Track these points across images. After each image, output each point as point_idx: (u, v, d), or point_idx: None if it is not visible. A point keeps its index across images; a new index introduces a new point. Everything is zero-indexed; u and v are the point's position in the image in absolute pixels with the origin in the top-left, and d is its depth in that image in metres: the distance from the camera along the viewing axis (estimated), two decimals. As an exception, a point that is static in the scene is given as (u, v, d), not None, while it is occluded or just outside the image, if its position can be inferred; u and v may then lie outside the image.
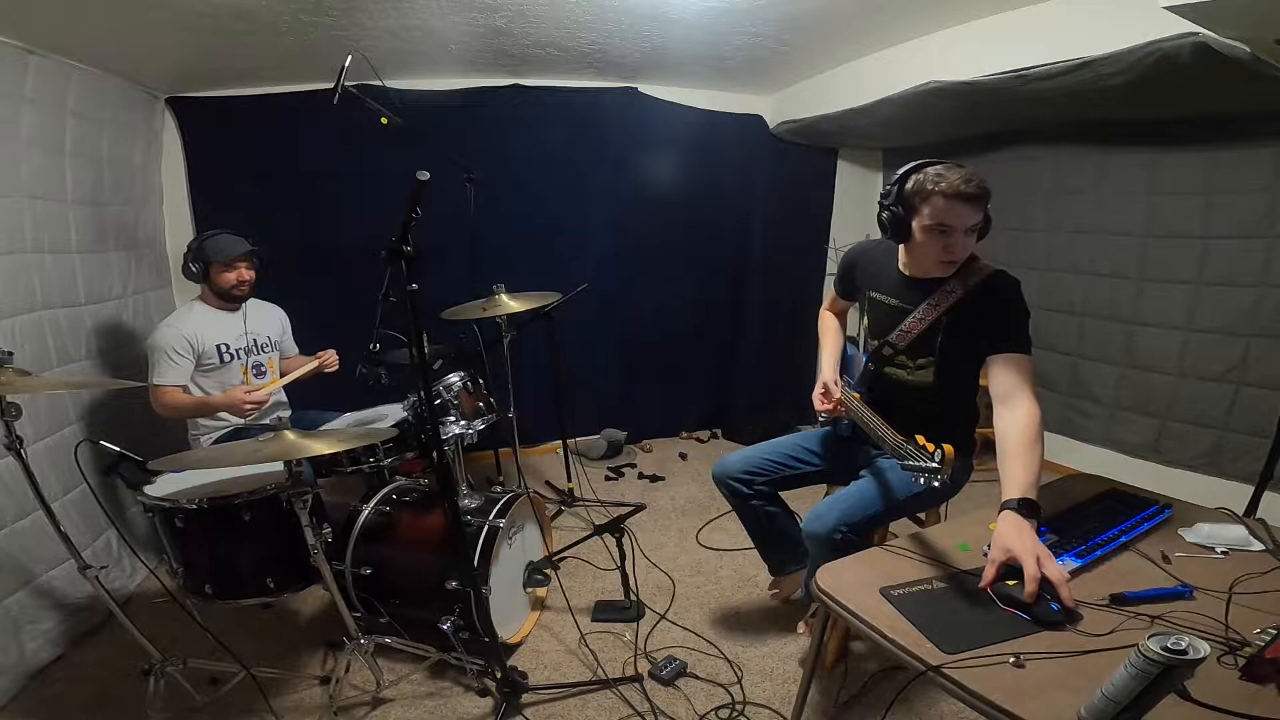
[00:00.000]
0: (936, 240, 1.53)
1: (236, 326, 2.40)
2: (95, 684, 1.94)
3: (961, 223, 1.50)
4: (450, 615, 1.88)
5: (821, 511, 1.67)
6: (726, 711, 1.79)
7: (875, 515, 1.67)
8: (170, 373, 2.22)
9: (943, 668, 1.06)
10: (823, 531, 1.62)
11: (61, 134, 2.37)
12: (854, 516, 1.63)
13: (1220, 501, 1.61)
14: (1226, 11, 1.59)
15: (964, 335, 1.62)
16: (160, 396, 2.21)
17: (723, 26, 2.65)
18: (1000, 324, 1.55)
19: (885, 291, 1.76)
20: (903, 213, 1.57)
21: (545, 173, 3.45)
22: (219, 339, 2.33)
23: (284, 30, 2.41)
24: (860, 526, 1.63)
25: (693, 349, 4.03)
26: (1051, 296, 3.30)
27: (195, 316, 2.32)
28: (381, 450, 2.13)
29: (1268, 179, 2.49)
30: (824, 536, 1.62)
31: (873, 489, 1.70)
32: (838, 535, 1.60)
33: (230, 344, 2.36)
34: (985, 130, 3.35)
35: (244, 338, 2.41)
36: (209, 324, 2.32)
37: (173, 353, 2.21)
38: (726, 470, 1.95)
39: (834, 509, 1.66)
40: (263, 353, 2.46)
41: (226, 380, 2.35)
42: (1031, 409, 1.45)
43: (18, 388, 1.47)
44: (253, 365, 2.42)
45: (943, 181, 1.48)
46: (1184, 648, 0.83)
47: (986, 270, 1.61)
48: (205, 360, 2.30)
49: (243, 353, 2.40)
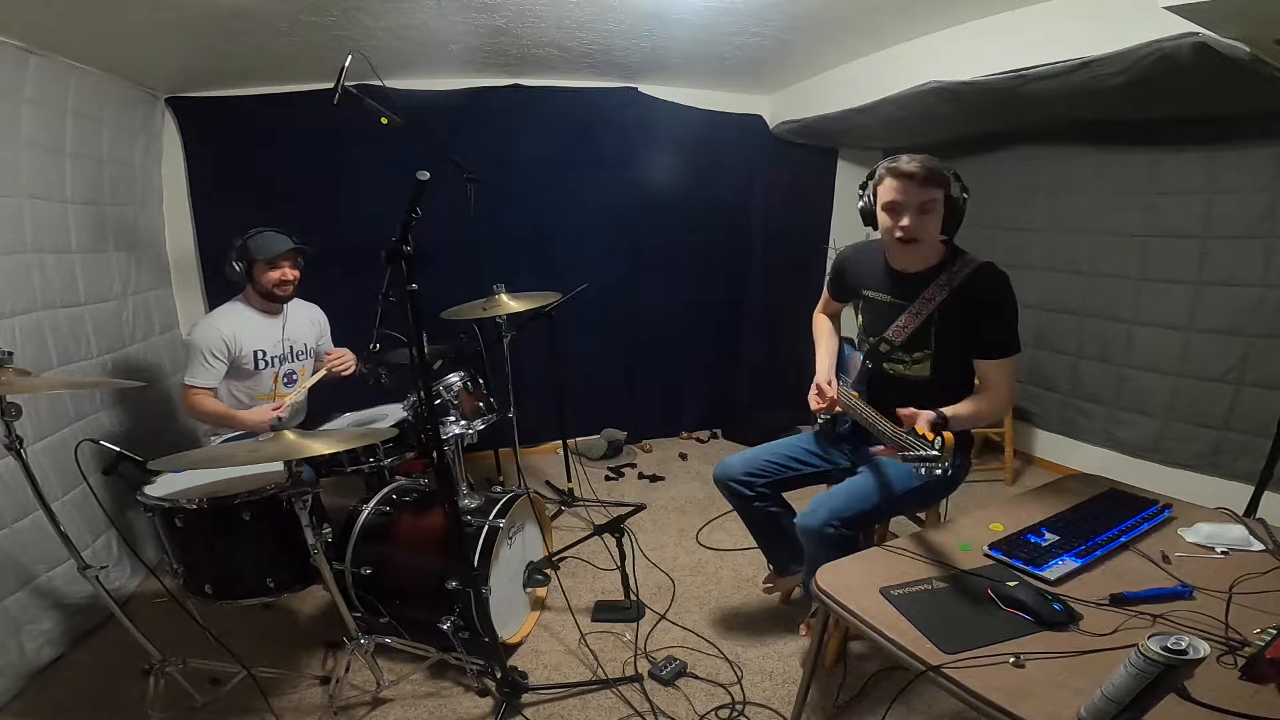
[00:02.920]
0: (890, 219, 1.62)
1: (275, 332, 2.35)
2: (95, 684, 1.94)
3: (909, 199, 1.58)
4: (450, 615, 1.88)
5: (814, 506, 1.69)
6: (726, 711, 1.79)
7: (868, 510, 1.68)
8: (204, 374, 2.19)
9: (943, 668, 1.07)
10: (814, 525, 1.64)
11: (61, 134, 2.37)
12: (845, 511, 1.64)
13: (1220, 501, 1.61)
14: (1226, 11, 1.59)
15: (955, 329, 1.65)
16: (190, 396, 2.20)
17: (723, 26, 2.65)
18: (988, 328, 1.63)
19: (877, 288, 1.79)
20: (871, 200, 1.69)
21: (545, 173, 3.45)
22: (257, 344, 2.29)
23: (284, 30, 2.41)
24: (852, 520, 1.64)
25: (693, 349, 4.03)
26: (1051, 296, 3.30)
27: (237, 318, 2.28)
28: (381, 450, 2.13)
29: (1268, 179, 2.49)
30: (815, 530, 1.64)
31: (867, 484, 1.71)
32: (829, 529, 1.62)
33: (267, 350, 2.32)
34: (985, 130, 3.35)
35: (281, 344, 2.36)
36: (249, 328, 2.28)
37: (209, 355, 2.19)
38: (728, 472, 1.96)
39: (826, 503, 1.67)
40: (297, 360, 2.42)
41: (256, 387, 2.33)
42: (998, 397, 1.63)
43: (18, 388, 1.47)
44: (284, 374, 2.38)
45: (892, 162, 1.60)
46: (1184, 648, 0.83)
47: (974, 264, 1.65)
48: (241, 364, 2.27)
49: (277, 360, 2.36)
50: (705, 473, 3.50)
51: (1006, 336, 1.63)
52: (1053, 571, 1.30)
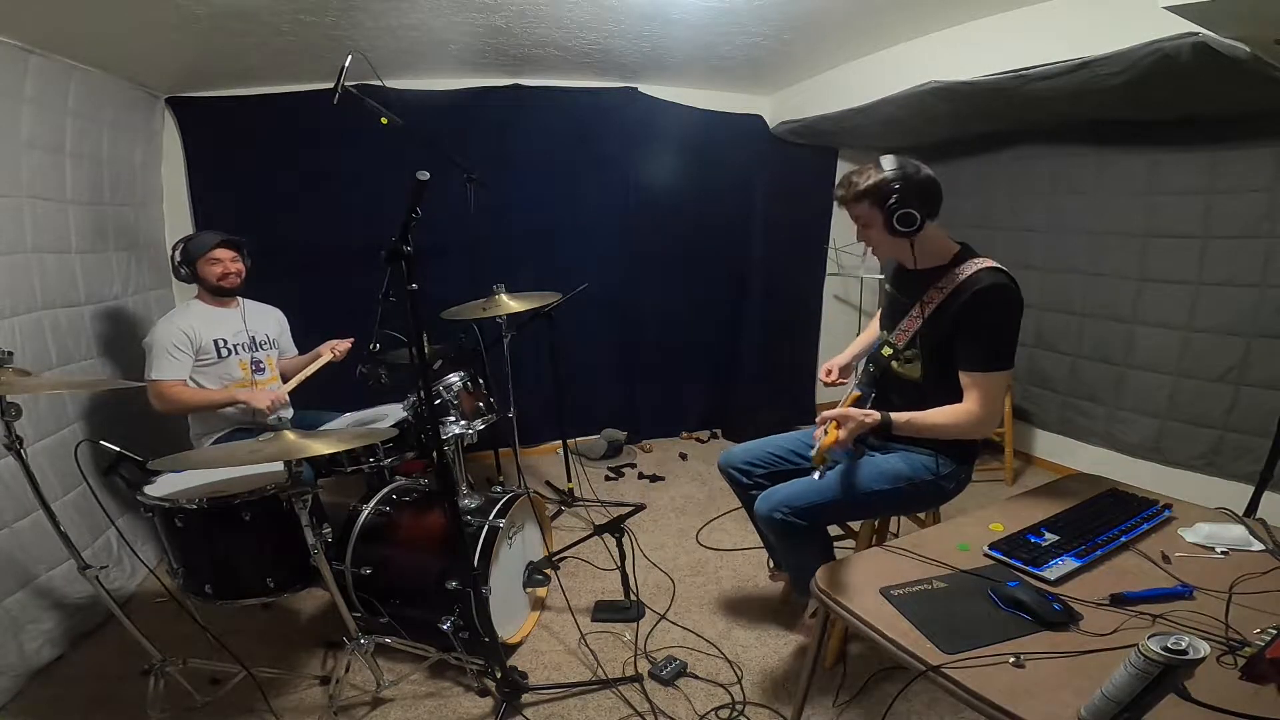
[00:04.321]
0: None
1: (235, 323, 2.40)
2: (95, 684, 1.94)
3: (852, 219, 1.65)
4: (450, 615, 1.88)
5: (770, 492, 1.71)
6: (726, 711, 1.79)
7: (824, 504, 1.67)
8: (170, 368, 2.22)
9: (943, 668, 1.07)
10: (764, 510, 1.68)
11: (61, 134, 2.37)
12: (798, 500, 1.66)
13: (1220, 501, 1.61)
14: (1226, 11, 1.59)
15: (939, 339, 1.62)
16: (160, 390, 2.21)
17: (723, 26, 2.65)
18: (963, 339, 1.56)
19: (892, 283, 1.82)
20: None
21: (545, 173, 3.45)
22: (216, 334, 2.34)
23: (284, 30, 2.41)
24: (804, 511, 1.65)
25: (693, 349, 4.03)
26: (1051, 296, 3.30)
27: (192, 313, 2.33)
28: (381, 450, 2.13)
29: (1268, 179, 2.49)
30: (765, 515, 1.68)
31: (830, 478, 1.69)
32: (777, 515, 1.65)
33: (228, 339, 2.36)
34: (985, 130, 3.35)
35: (243, 333, 2.41)
36: (206, 320, 2.33)
37: (171, 348, 2.22)
38: (730, 460, 2.02)
39: (781, 490, 1.70)
40: (261, 350, 2.46)
41: (226, 375, 2.35)
42: (969, 409, 1.55)
43: (18, 388, 1.47)
44: (253, 362, 2.42)
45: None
46: (1184, 648, 0.83)
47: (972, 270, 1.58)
48: (203, 355, 2.30)
49: (241, 348, 2.39)
50: (705, 473, 3.50)
51: (981, 350, 1.54)
52: (1053, 571, 1.30)
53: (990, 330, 1.55)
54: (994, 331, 1.55)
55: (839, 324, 4.39)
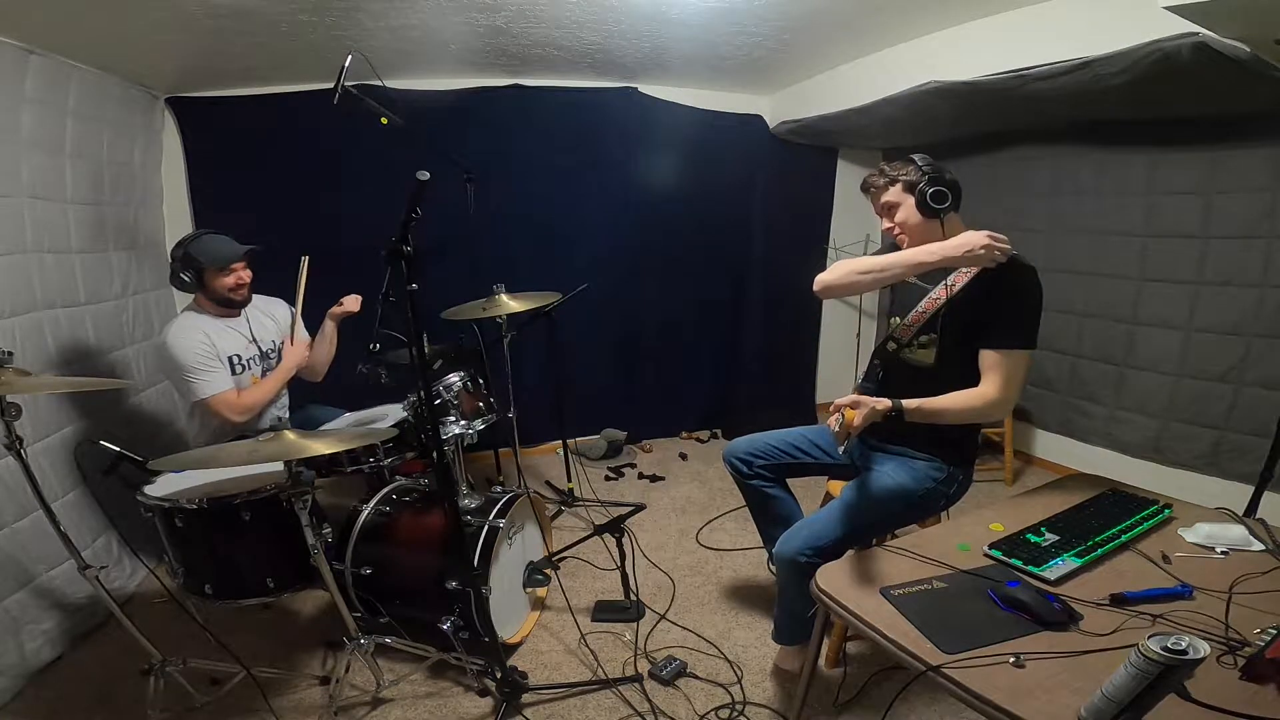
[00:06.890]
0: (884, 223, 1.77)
1: (243, 336, 2.32)
2: (95, 684, 1.94)
3: (879, 207, 1.76)
4: (450, 615, 1.88)
5: (790, 534, 1.67)
6: (726, 711, 1.79)
7: (842, 538, 1.64)
8: (219, 379, 2.14)
9: (943, 668, 1.07)
10: (787, 554, 1.63)
11: (61, 134, 2.37)
12: (820, 540, 1.62)
13: (1220, 501, 1.61)
14: (1226, 11, 1.59)
15: (966, 314, 1.61)
16: (227, 401, 2.14)
17: (723, 26, 2.65)
18: (997, 311, 1.57)
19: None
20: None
21: (545, 173, 3.45)
22: (230, 351, 2.25)
23: (284, 30, 2.41)
24: (826, 550, 1.60)
25: (693, 349, 4.03)
26: (1051, 296, 3.18)
27: (200, 326, 2.19)
28: (381, 450, 2.13)
29: (1268, 179, 2.49)
30: (788, 559, 1.62)
31: (844, 509, 1.68)
32: (802, 559, 1.60)
33: (240, 354, 2.28)
34: (985, 130, 3.35)
35: (251, 346, 2.33)
36: (217, 334, 2.23)
37: (206, 360, 2.13)
38: (733, 450, 2.05)
39: (800, 533, 1.66)
40: (267, 360, 2.39)
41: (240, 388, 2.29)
42: (986, 392, 1.55)
43: (18, 388, 1.47)
44: (264, 373, 2.36)
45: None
46: (1184, 648, 0.83)
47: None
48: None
49: (253, 362, 2.33)
50: (705, 473, 3.50)
51: (1014, 324, 1.56)
52: (1053, 571, 1.30)
53: (1024, 306, 1.58)
54: (1027, 308, 1.58)
55: (839, 324, 4.40)
